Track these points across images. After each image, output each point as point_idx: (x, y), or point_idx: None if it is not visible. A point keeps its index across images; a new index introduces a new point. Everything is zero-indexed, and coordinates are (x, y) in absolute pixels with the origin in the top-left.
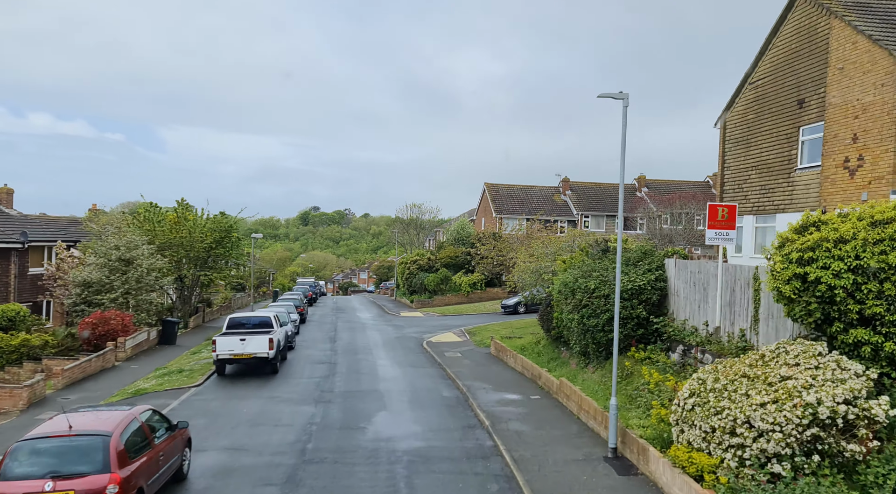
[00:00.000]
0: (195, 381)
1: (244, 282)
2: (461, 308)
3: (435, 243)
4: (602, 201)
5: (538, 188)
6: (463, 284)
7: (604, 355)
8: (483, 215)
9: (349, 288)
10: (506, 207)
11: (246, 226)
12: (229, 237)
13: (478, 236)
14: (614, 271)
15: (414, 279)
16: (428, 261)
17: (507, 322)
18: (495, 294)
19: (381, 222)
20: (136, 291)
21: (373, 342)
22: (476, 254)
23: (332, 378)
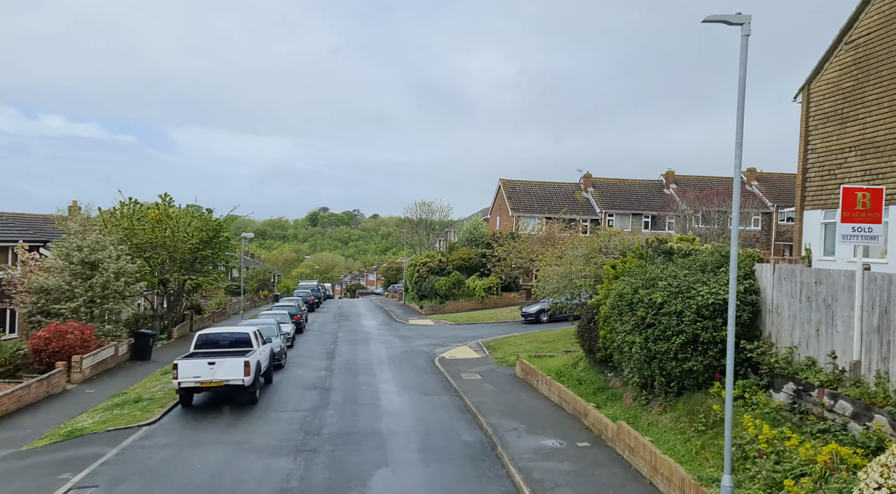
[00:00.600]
0: (150, 416)
1: (247, 288)
2: (476, 316)
3: (446, 244)
4: (626, 199)
5: (557, 185)
6: (477, 288)
7: (675, 390)
8: (498, 213)
9: (357, 290)
10: (523, 205)
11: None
12: (218, 238)
13: (493, 237)
14: (688, 281)
15: (424, 283)
16: (439, 263)
17: (531, 334)
18: (512, 300)
19: (390, 222)
20: (101, 299)
21: (377, 359)
22: (492, 256)
23: (323, 412)
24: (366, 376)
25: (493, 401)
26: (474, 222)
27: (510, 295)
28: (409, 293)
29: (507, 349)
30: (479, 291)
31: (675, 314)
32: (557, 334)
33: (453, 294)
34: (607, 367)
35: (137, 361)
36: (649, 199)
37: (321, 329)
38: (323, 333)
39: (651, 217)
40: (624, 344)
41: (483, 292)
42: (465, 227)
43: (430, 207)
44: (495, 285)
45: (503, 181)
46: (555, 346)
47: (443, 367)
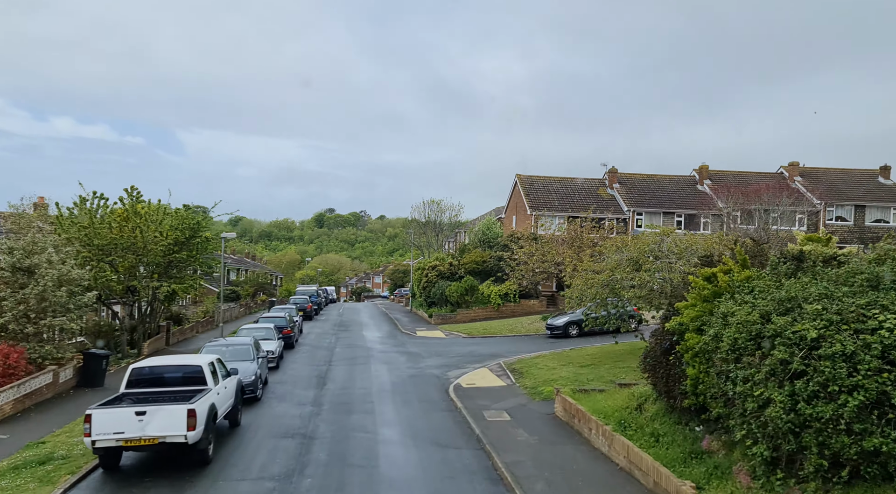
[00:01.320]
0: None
1: (238, 291)
2: (492, 327)
3: (456, 246)
4: (656, 196)
5: (580, 181)
6: (492, 295)
7: (843, 478)
8: (514, 212)
9: (362, 293)
10: (543, 202)
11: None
12: (196, 238)
13: (511, 238)
14: (855, 303)
15: (433, 289)
16: (449, 267)
17: (563, 354)
18: (531, 308)
19: (396, 223)
20: (37, 313)
21: (377, 386)
22: (510, 259)
23: (298, 481)
24: (362, 414)
25: (532, 462)
26: (487, 222)
27: (529, 303)
28: (417, 299)
29: (537, 373)
30: (495, 298)
31: (844, 357)
32: (596, 354)
33: (466, 302)
34: (694, 417)
35: (86, 388)
36: (682, 196)
37: (316, 344)
38: (317, 349)
39: (684, 216)
40: (748, 398)
41: (499, 300)
42: (477, 227)
43: (439, 205)
44: (512, 292)
45: (520, 177)
46: (598, 372)
47: (460, 400)
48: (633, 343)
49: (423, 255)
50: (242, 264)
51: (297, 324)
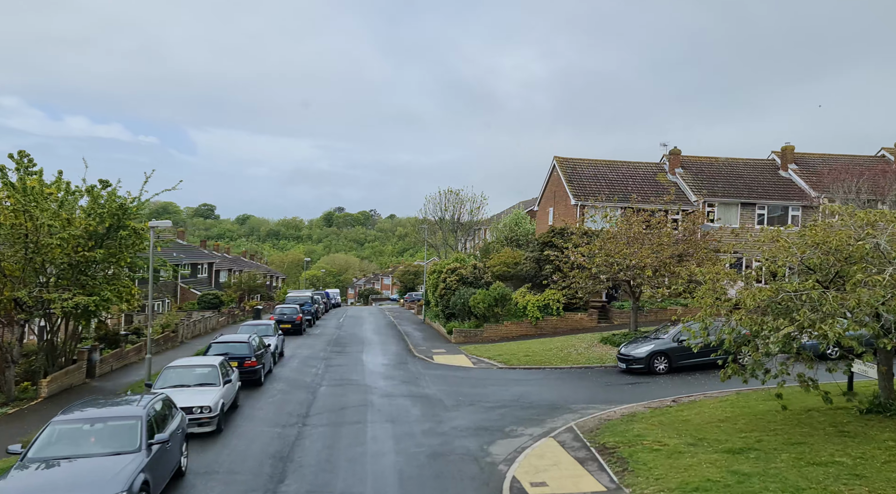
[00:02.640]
0: None
1: (221, 297)
2: (533, 350)
3: (475, 244)
4: (731, 184)
5: (632, 165)
6: (529, 306)
7: None
8: (551, 203)
9: (370, 296)
10: (589, 190)
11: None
12: (121, 229)
13: (557, 233)
14: None
15: (452, 297)
16: (473, 271)
17: (673, 412)
18: (579, 323)
19: (407, 223)
20: None
21: (374, 482)
22: (560, 260)
23: None
24: None
25: None
26: (515, 217)
27: (575, 317)
28: (432, 309)
29: (654, 464)
30: (532, 310)
31: None
32: (737, 417)
33: (495, 314)
34: None
35: None
36: (762, 184)
37: (295, 378)
38: (294, 388)
39: (767, 208)
40: None
41: (537, 313)
42: (502, 222)
43: (457, 196)
44: (554, 303)
45: (560, 160)
46: (778, 470)
47: None
48: (799, 396)
49: (439, 255)
50: (237, 265)
51: (274, 348)
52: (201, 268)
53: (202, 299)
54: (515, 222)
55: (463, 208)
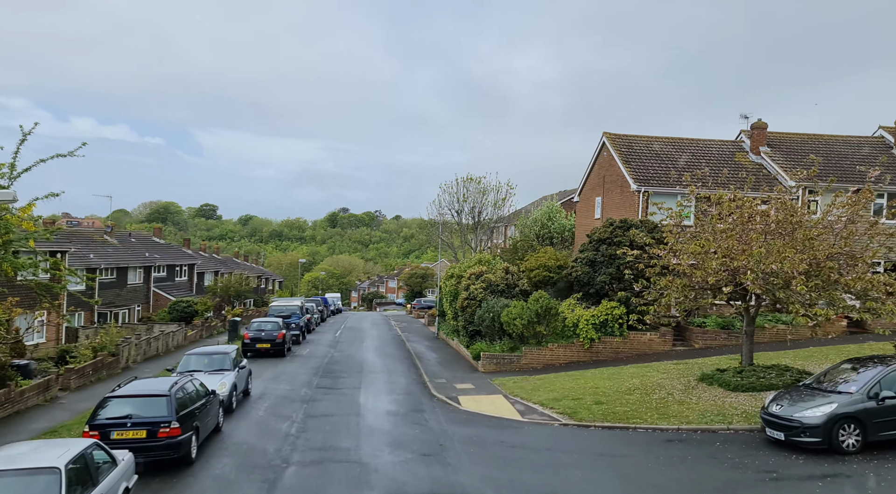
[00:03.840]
0: None
1: (195, 305)
2: (600, 387)
3: (495, 244)
4: (837, 165)
5: (701, 143)
6: (581, 324)
7: None
8: (599, 191)
9: (374, 300)
10: (654, 173)
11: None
12: None
13: (614, 226)
14: None
15: (478, 310)
16: (505, 276)
17: None
18: (648, 346)
19: (413, 224)
20: None
21: None
22: (643, 261)
23: None
24: None
25: None
26: (548, 209)
27: (643, 338)
28: (450, 323)
29: None
30: (586, 329)
31: None
32: None
33: (536, 334)
34: None
35: None
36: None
37: (252, 446)
38: (244, 471)
39: (886, 195)
40: None
41: (592, 332)
42: (533, 216)
43: (478, 184)
44: (614, 319)
45: (611, 137)
46: None
47: None
48: None
49: (456, 257)
50: (226, 266)
51: (228, 392)
52: (180, 270)
53: (174, 307)
54: (548, 216)
55: (486, 198)
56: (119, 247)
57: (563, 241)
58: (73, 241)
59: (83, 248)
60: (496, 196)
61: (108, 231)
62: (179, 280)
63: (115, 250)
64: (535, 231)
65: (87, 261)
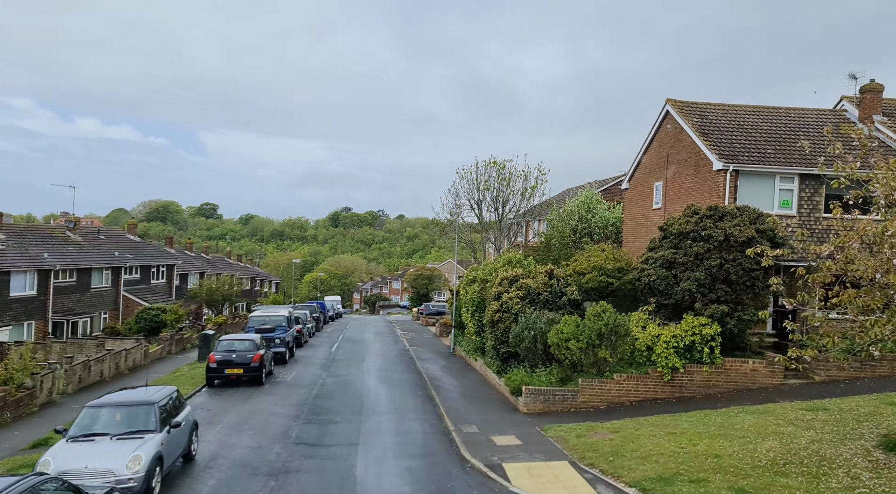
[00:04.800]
0: None
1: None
2: (720, 450)
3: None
4: None
5: (793, 113)
6: (658, 347)
7: None
8: (660, 174)
9: (377, 302)
10: (740, 148)
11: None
12: None
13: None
14: None
15: (513, 326)
16: (548, 282)
17: None
18: (750, 377)
19: (416, 223)
20: None
21: None
22: (781, 256)
23: None
24: None
25: None
26: (586, 199)
27: (743, 367)
28: (470, 338)
29: None
30: (666, 353)
31: None
32: None
33: (598, 360)
34: None
35: None
36: None
37: None
38: None
39: None
40: None
41: (674, 359)
42: (568, 207)
43: (502, 169)
44: (701, 339)
45: (677, 105)
46: None
47: None
48: None
49: (476, 257)
50: (214, 267)
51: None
52: (157, 271)
53: (141, 315)
54: (587, 207)
55: (513, 186)
56: (83, 245)
57: (605, 238)
58: (27, 237)
59: (38, 246)
60: (524, 184)
61: (71, 227)
62: (156, 283)
63: (78, 248)
64: (571, 226)
65: (40, 262)
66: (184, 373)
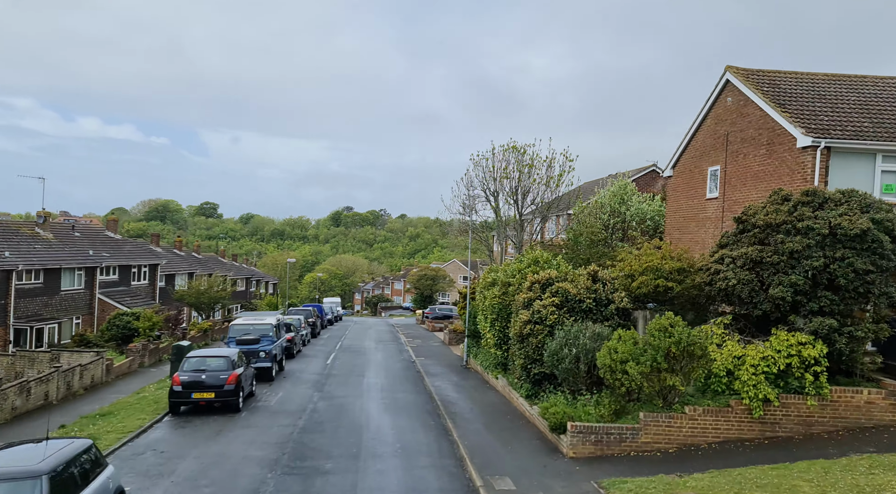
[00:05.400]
0: None
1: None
2: None
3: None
4: None
5: (884, 81)
6: (744, 373)
7: None
8: (717, 157)
9: (379, 304)
10: (829, 121)
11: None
12: None
13: (794, 203)
14: None
15: (548, 341)
16: (590, 286)
17: None
18: (865, 413)
19: (419, 223)
20: None
21: None
22: None
23: None
24: None
25: None
26: (619, 189)
27: (856, 399)
28: (490, 351)
29: None
30: (754, 380)
31: None
32: None
33: (664, 388)
34: None
35: None
36: None
37: None
38: None
39: None
40: None
41: (765, 387)
42: (598, 198)
43: (523, 154)
44: (800, 362)
45: (741, 73)
46: None
47: None
48: None
49: (492, 256)
50: (205, 267)
51: None
52: (138, 272)
53: (113, 322)
54: (620, 199)
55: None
56: (54, 243)
57: (642, 234)
58: None
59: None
60: (548, 172)
61: (41, 223)
62: (137, 285)
63: (48, 246)
64: (602, 220)
65: (0, 261)
66: (148, 395)
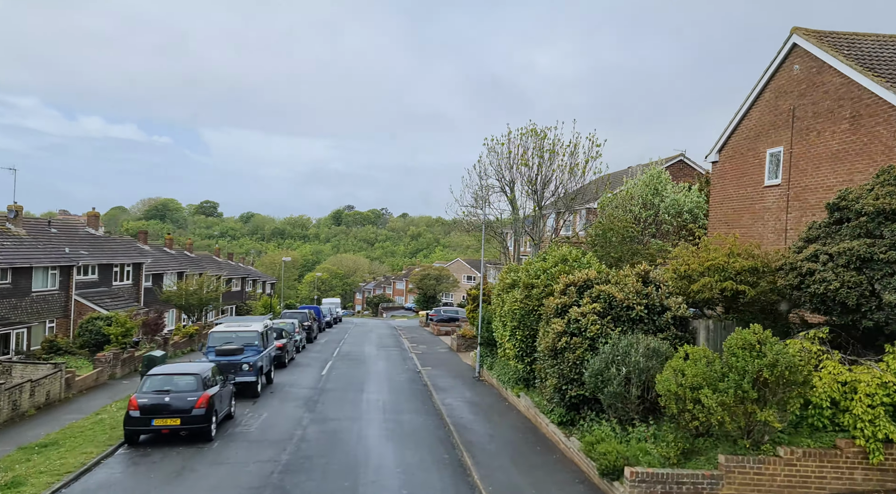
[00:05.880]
0: None
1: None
2: None
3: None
4: None
5: None
6: (856, 403)
7: None
8: (778, 136)
9: (380, 304)
10: None
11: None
12: None
13: None
14: None
15: (589, 357)
16: (641, 291)
17: None
18: None
19: (420, 222)
20: None
21: None
22: None
23: None
24: None
25: None
26: (651, 178)
27: None
28: (509, 363)
29: None
30: (869, 413)
31: None
32: None
33: (751, 423)
34: None
35: None
36: None
37: None
38: None
39: None
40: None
41: (886, 423)
42: (629, 187)
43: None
44: None
45: (813, 36)
46: None
47: None
48: None
49: (506, 254)
50: (197, 266)
51: None
52: (121, 272)
53: (85, 327)
54: (654, 189)
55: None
56: (26, 240)
57: (680, 228)
58: None
59: None
60: (571, 159)
61: (12, 217)
62: (119, 285)
63: (18, 243)
64: (634, 212)
65: None
66: (106, 417)
